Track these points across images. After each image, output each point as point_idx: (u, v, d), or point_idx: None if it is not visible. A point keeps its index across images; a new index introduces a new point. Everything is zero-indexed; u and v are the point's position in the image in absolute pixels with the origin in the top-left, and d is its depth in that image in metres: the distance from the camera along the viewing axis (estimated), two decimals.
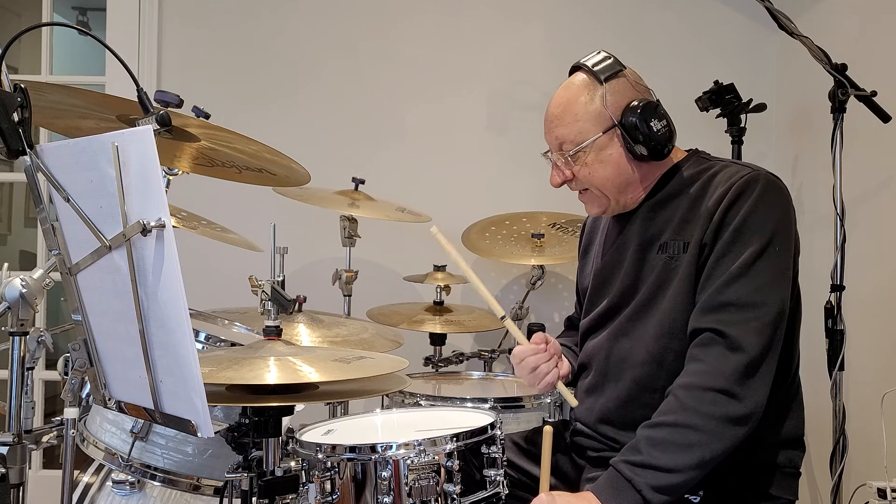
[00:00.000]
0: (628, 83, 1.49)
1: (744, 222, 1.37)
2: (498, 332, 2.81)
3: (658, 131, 1.44)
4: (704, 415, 1.32)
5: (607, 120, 1.47)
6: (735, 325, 1.34)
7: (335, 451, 1.36)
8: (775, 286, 1.37)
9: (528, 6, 3.09)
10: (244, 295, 1.70)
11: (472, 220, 2.79)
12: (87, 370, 1.25)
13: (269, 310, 1.50)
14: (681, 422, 1.32)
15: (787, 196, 1.43)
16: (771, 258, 1.37)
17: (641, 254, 1.52)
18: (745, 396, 1.32)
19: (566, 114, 1.49)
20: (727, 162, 1.51)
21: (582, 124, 1.47)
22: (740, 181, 1.40)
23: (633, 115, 1.45)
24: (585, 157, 1.49)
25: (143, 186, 1.07)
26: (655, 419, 1.36)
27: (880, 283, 2.24)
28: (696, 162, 1.53)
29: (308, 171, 1.93)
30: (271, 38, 3.09)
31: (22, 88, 1.19)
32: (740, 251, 1.37)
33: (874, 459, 2.03)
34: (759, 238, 1.37)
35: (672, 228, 1.47)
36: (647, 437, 1.34)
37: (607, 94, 1.47)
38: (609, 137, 1.48)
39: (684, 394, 1.34)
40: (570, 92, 1.51)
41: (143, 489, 1.72)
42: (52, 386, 3.17)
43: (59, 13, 3.99)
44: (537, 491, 1.60)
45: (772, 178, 1.42)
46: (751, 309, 1.34)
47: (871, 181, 2.29)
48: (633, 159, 1.48)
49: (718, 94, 2.55)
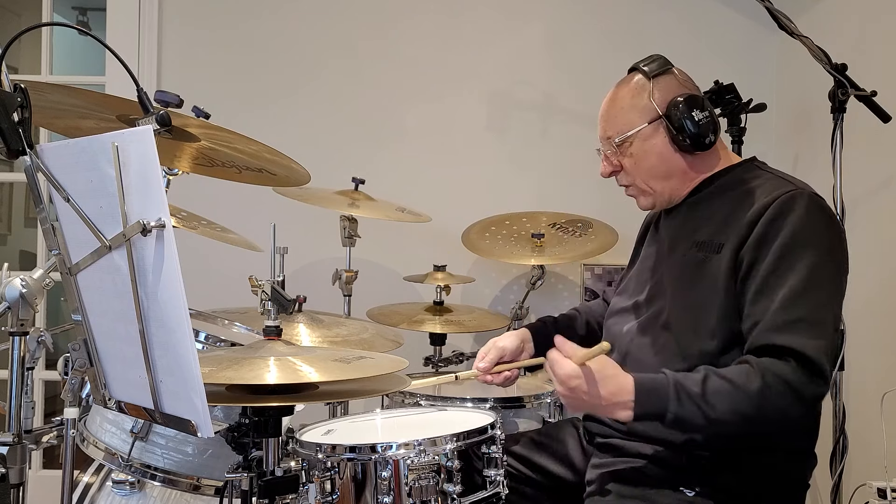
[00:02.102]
0: (676, 80, 1.56)
1: (794, 236, 1.38)
2: (498, 333, 2.78)
3: (700, 121, 1.50)
4: (769, 400, 1.31)
5: (653, 111, 1.53)
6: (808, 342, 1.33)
7: (335, 451, 1.36)
8: (831, 303, 1.40)
9: (528, 6, 3.09)
10: (244, 295, 1.70)
11: (472, 220, 2.79)
12: (87, 370, 1.25)
13: (269, 310, 1.50)
14: (747, 390, 1.31)
15: (832, 213, 1.46)
16: (826, 275, 1.39)
17: (678, 249, 1.56)
18: (807, 400, 1.34)
19: (614, 106, 1.58)
20: (776, 174, 1.54)
21: (627, 115, 1.55)
22: (784, 195, 1.42)
23: (676, 108, 1.51)
24: (631, 147, 1.56)
25: (143, 186, 1.07)
26: (725, 373, 1.35)
27: (880, 283, 2.24)
28: (746, 168, 1.57)
29: (308, 171, 1.93)
30: (271, 38, 3.09)
31: (22, 88, 1.19)
32: (795, 266, 1.37)
33: (874, 459, 2.03)
34: (812, 254, 1.38)
35: (710, 227, 1.50)
36: (713, 383, 1.33)
37: (654, 89, 1.54)
38: (654, 128, 1.54)
39: (765, 370, 1.33)
40: (619, 87, 1.60)
41: (143, 489, 1.72)
42: (52, 386, 3.17)
43: (59, 13, 3.99)
44: (552, 487, 1.63)
45: (816, 196, 1.45)
46: (817, 326, 1.35)
47: (871, 181, 2.29)
48: (678, 150, 1.54)
49: (718, 94, 2.54)
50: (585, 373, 1.32)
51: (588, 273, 3.00)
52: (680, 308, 1.50)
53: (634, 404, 1.32)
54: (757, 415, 1.32)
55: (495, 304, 3.06)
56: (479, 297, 3.05)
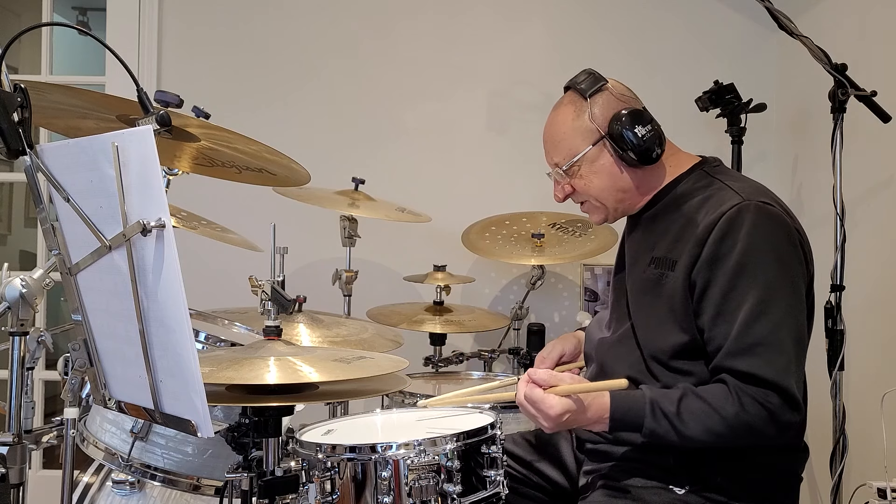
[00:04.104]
0: (612, 95, 1.55)
1: (745, 255, 1.38)
2: (498, 333, 2.81)
3: (644, 136, 1.49)
4: (744, 422, 1.35)
5: (595, 133, 1.53)
6: (769, 367, 1.35)
7: (335, 451, 1.36)
8: (790, 317, 1.39)
9: (528, 6, 3.09)
10: (244, 295, 1.70)
11: (472, 220, 2.79)
12: (87, 370, 1.26)
13: (269, 310, 1.50)
14: (723, 412, 1.35)
15: (781, 220, 1.43)
16: (782, 288, 1.39)
17: (638, 264, 1.57)
18: (782, 426, 1.36)
19: (555, 133, 1.58)
20: (725, 181, 1.51)
21: (571, 141, 1.55)
22: (730, 211, 1.41)
23: (618, 124, 1.50)
24: (579, 170, 1.56)
25: (143, 186, 1.07)
26: (703, 392, 1.39)
27: (880, 283, 2.24)
28: (698, 177, 1.55)
29: (308, 171, 1.93)
30: (271, 38, 3.09)
31: (22, 88, 1.19)
32: (749, 286, 1.38)
33: (874, 459, 2.03)
34: (764, 270, 1.38)
35: (664, 244, 1.51)
36: (689, 402, 1.37)
37: (593, 108, 1.53)
38: (599, 149, 1.54)
39: (742, 393, 1.36)
40: (557, 112, 1.59)
41: (143, 489, 1.72)
42: (52, 386, 3.17)
43: (59, 13, 3.99)
44: (546, 488, 1.63)
45: (762, 205, 1.42)
46: (776, 347, 1.37)
47: (871, 181, 2.29)
48: (626, 167, 1.54)
49: (718, 94, 2.54)
50: (576, 404, 1.37)
51: (588, 273, 3.00)
52: (643, 326, 1.52)
53: (610, 422, 1.39)
54: (730, 435, 1.36)
55: (495, 304, 3.06)
56: (479, 297, 3.05)
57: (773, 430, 1.36)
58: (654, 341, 1.48)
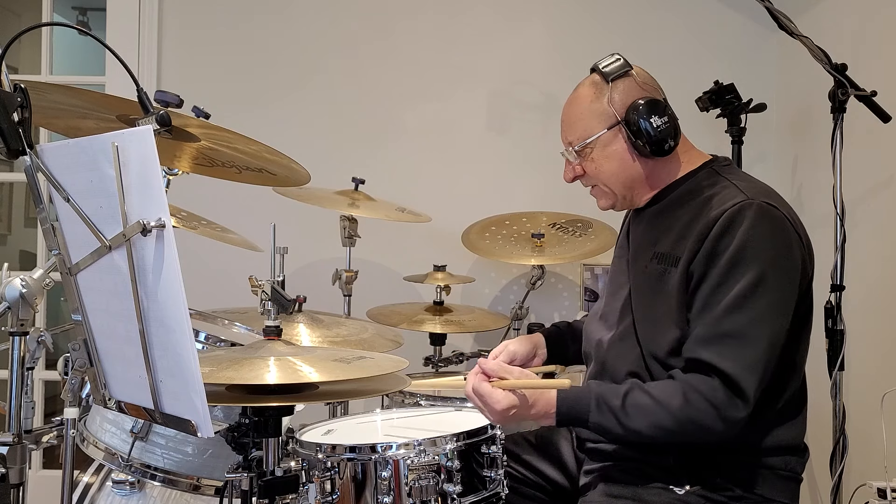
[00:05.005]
0: (635, 83, 1.53)
1: (739, 251, 1.38)
2: (498, 333, 2.81)
3: (659, 127, 1.49)
4: (689, 417, 1.36)
5: (612, 117, 1.52)
6: (731, 360, 1.35)
7: (335, 451, 1.36)
8: (769, 318, 1.38)
9: (528, 6, 3.09)
10: (244, 295, 1.70)
11: (472, 220, 2.79)
12: (87, 370, 1.26)
13: (269, 310, 1.50)
14: (668, 406, 1.36)
15: (783, 222, 1.43)
16: (767, 288, 1.38)
17: (640, 259, 1.56)
18: (729, 421, 1.36)
19: (573, 111, 1.57)
20: (732, 180, 1.51)
21: (587, 122, 1.54)
22: (732, 208, 1.41)
23: (635, 112, 1.49)
24: (591, 152, 1.55)
25: (143, 186, 1.07)
26: (649, 387, 1.40)
27: (880, 283, 2.24)
28: (706, 175, 1.55)
29: (308, 171, 1.93)
30: (271, 38, 3.09)
31: (22, 88, 1.19)
32: (736, 281, 1.38)
33: (874, 459, 2.03)
34: (754, 268, 1.38)
35: (669, 239, 1.50)
36: (634, 396, 1.39)
37: (613, 93, 1.52)
38: (613, 134, 1.53)
39: (688, 387, 1.37)
40: (578, 92, 1.58)
41: (143, 489, 1.72)
42: (52, 386, 3.17)
43: (59, 13, 3.99)
44: (546, 488, 1.63)
45: (765, 205, 1.42)
46: (746, 342, 1.36)
47: (871, 181, 2.29)
48: (638, 156, 1.53)
49: (718, 94, 2.54)
50: (520, 400, 1.38)
51: (588, 273, 3.00)
52: (644, 321, 1.51)
53: (556, 416, 1.41)
54: (677, 429, 1.37)
55: (495, 304, 3.06)
56: (479, 297, 3.05)
57: (720, 426, 1.35)
58: (654, 339, 1.48)
